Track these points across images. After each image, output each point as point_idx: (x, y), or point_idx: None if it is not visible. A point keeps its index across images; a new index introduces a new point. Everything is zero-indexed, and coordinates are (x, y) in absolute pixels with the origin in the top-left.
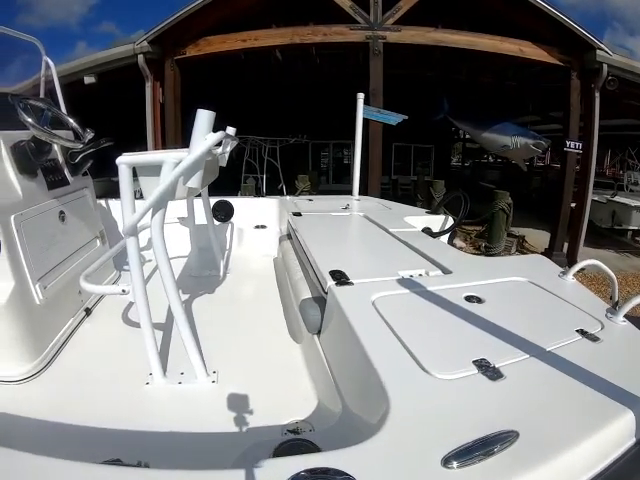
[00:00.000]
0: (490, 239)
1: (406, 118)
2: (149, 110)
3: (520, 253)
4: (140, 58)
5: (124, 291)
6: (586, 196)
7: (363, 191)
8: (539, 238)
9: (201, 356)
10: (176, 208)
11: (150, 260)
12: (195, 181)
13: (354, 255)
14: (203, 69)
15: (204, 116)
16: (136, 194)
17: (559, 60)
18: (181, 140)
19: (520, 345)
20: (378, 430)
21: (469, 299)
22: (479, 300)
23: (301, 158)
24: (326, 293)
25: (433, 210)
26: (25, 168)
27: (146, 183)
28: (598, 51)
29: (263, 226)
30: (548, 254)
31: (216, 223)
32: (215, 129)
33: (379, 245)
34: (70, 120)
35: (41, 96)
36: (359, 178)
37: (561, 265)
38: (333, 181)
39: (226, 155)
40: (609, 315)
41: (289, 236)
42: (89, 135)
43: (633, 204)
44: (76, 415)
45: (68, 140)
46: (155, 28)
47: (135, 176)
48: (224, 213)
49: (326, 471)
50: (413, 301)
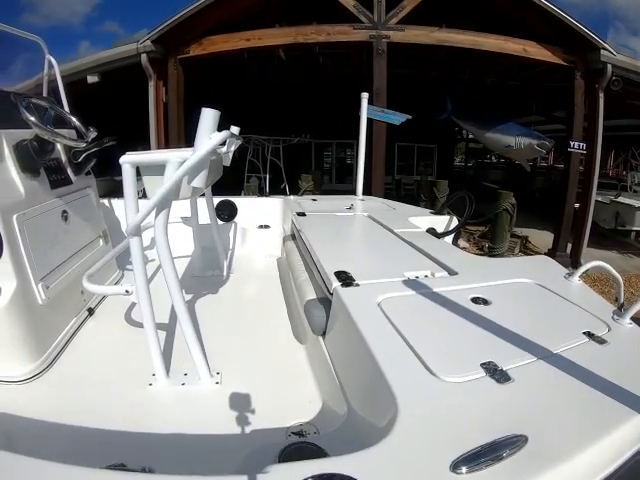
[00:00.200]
0: (493, 239)
1: (410, 118)
2: (152, 109)
3: (523, 254)
4: (143, 57)
5: (127, 292)
6: (590, 197)
7: (366, 191)
8: (542, 238)
9: (204, 357)
10: (179, 207)
11: (153, 260)
12: (199, 181)
13: (359, 256)
14: (206, 68)
15: (209, 115)
16: (139, 193)
17: (563, 60)
18: (184, 139)
19: (527, 347)
20: (386, 434)
21: (475, 301)
22: (485, 302)
23: (304, 158)
24: (331, 294)
25: (438, 210)
26: (28, 167)
27: (150, 183)
28: (602, 51)
29: (267, 226)
30: (552, 255)
31: (219, 223)
32: (219, 128)
33: (384, 246)
34: (73, 119)
35: (44, 95)
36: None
37: (565, 266)
38: (336, 181)
39: (230, 154)
40: (615, 317)
41: (293, 236)
42: (92, 134)
43: (637, 205)
44: (78, 416)
45: (71, 139)
46: (158, 27)
47: (138, 175)
48: (227, 213)
49: (333, 476)
50: (419, 302)
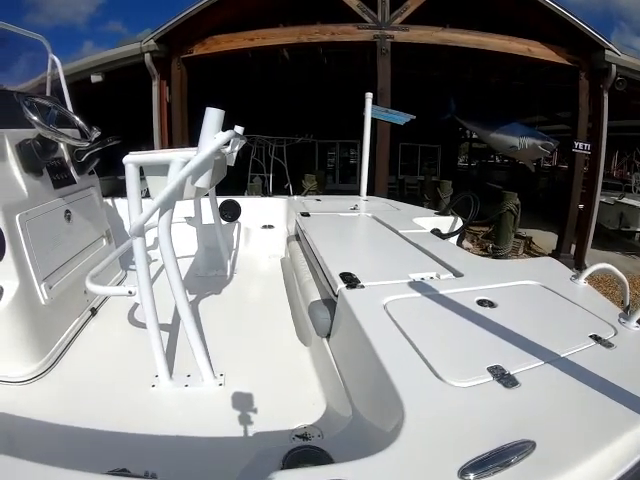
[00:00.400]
0: (497, 240)
1: (414, 118)
2: (156, 109)
3: (527, 254)
4: (147, 57)
5: (131, 293)
6: (594, 197)
7: (370, 191)
8: (546, 239)
9: (208, 358)
10: (183, 207)
11: (156, 260)
12: (204, 181)
13: (364, 257)
14: (210, 68)
15: (213, 114)
16: (142, 193)
17: (567, 60)
18: (188, 139)
19: (534, 351)
20: (393, 440)
21: (481, 303)
22: (491, 304)
23: (308, 158)
24: (336, 296)
25: (442, 211)
26: (31, 167)
27: (153, 183)
28: (607, 51)
29: (270, 226)
30: (555, 255)
31: (223, 223)
32: (222, 128)
33: (389, 247)
34: (76, 118)
35: (47, 94)
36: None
37: (568, 267)
38: (340, 181)
39: (234, 154)
40: (622, 320)
41: (297, 236)
42: (95, 134)
43: None
44: (80, 417)
45: (74, 138)
46: (162, 27)
47: (142, 175)
48: (231, 213)
49: None
50: (425, 305)
